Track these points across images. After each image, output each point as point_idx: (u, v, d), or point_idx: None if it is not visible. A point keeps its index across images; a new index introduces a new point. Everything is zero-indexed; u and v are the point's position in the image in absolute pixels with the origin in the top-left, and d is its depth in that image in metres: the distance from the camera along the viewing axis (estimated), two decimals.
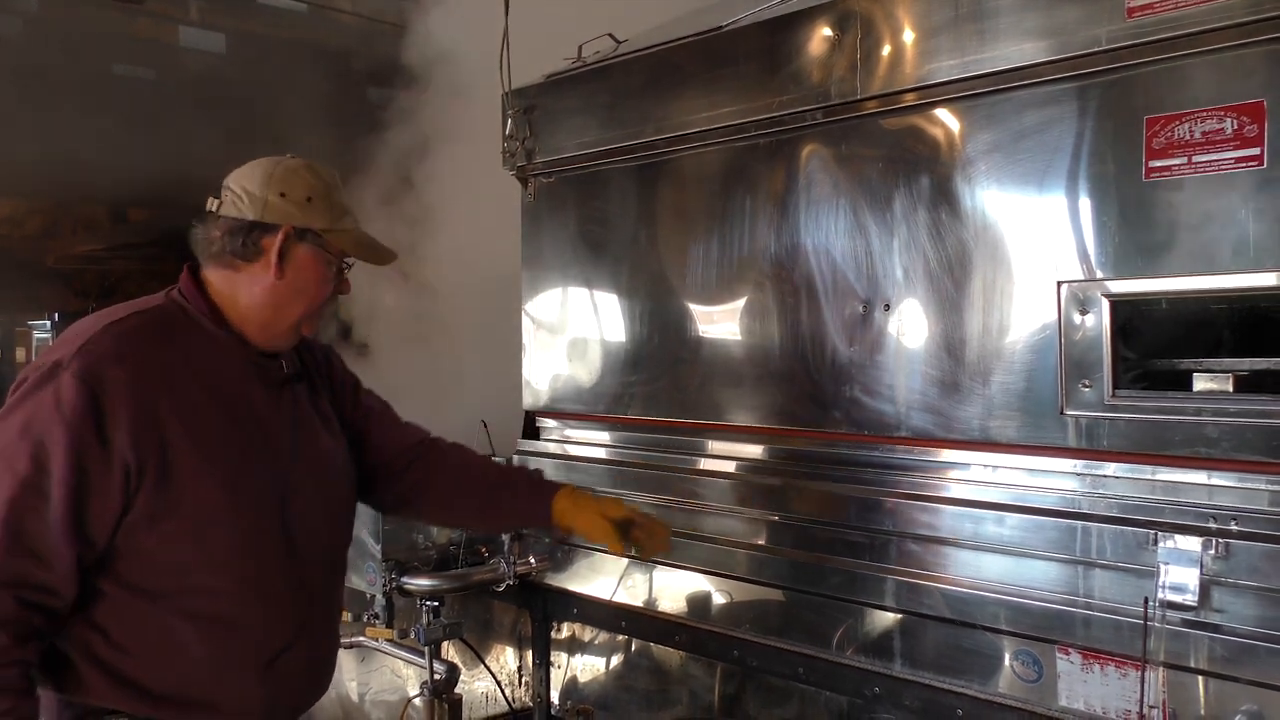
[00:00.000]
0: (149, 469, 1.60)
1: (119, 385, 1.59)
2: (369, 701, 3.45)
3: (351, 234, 1.82)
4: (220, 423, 1.70)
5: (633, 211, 2.55)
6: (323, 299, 1.82)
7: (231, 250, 1.74)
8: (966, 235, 1.91)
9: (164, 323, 1.72)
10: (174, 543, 1.64)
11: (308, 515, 1.80)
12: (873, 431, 2.06)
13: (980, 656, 1.87)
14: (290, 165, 1.78)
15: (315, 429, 1.88)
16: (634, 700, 2.52)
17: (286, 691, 1.77)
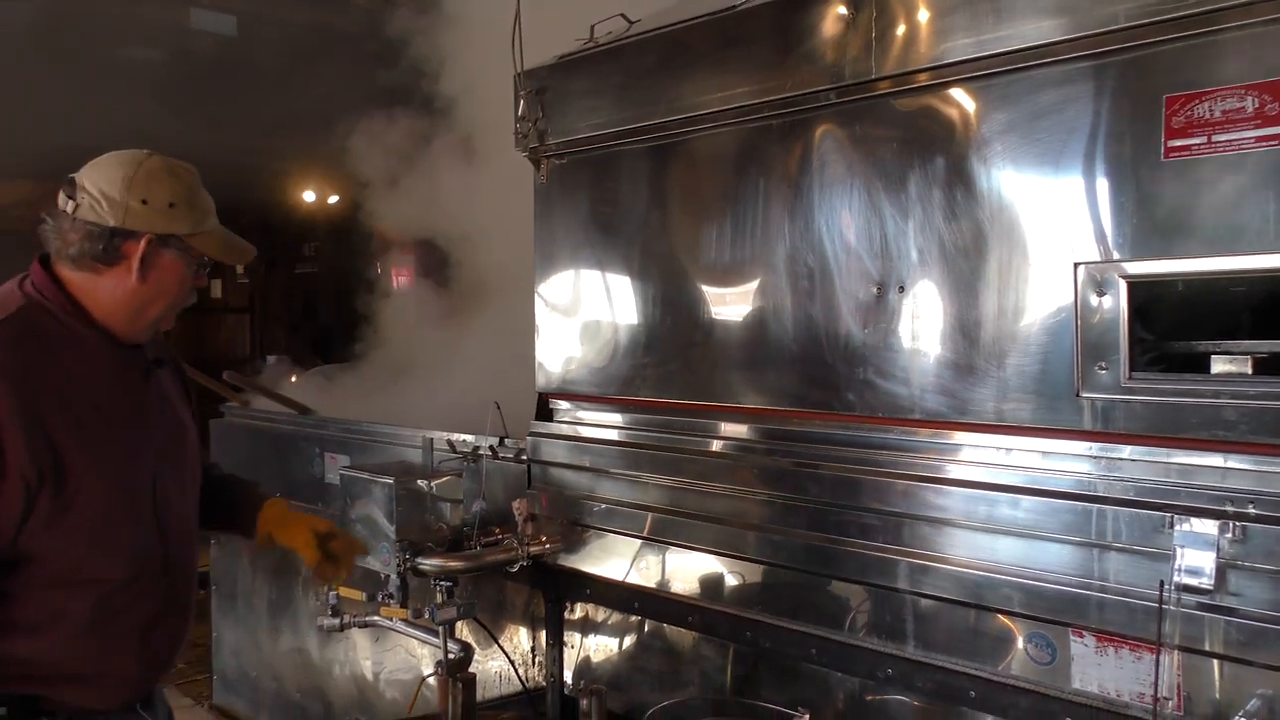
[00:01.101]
0: (46, 477, 1.65)
1: (7, 401, 1.63)
2: (383, 680, 3.48)
3: (213, 235, 1.85)
4: (100, 422, 1.75)
5: (645, 193, 2.54)
6: (184, 297, 1.87)
7: (91, 255, 1.76)
8: (982, 216, 1.89)
9: (33, 327, 1.74)
10: (68, 540, 1.70)
11: (171, 495, 1.88)
12: (886, 414, 2.05)
13: (993, 639, 1.86)
14: (150, 168, 1.78)
15: (175, 408, 1.96)
16: (647, 680, 2.53)
17: (155, 661, 1.88)
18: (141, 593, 1.81)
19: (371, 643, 3.51)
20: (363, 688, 3.58)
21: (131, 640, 1.81)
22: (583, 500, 2.65)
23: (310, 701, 3.88)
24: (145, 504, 1.82)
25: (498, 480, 2.88)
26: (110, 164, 1.78)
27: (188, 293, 1.87)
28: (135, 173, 1.76)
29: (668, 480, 2.45)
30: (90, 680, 1.78)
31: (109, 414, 1.78)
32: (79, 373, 1.76)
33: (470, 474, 2.93)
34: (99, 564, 1.75)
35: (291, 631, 3.99)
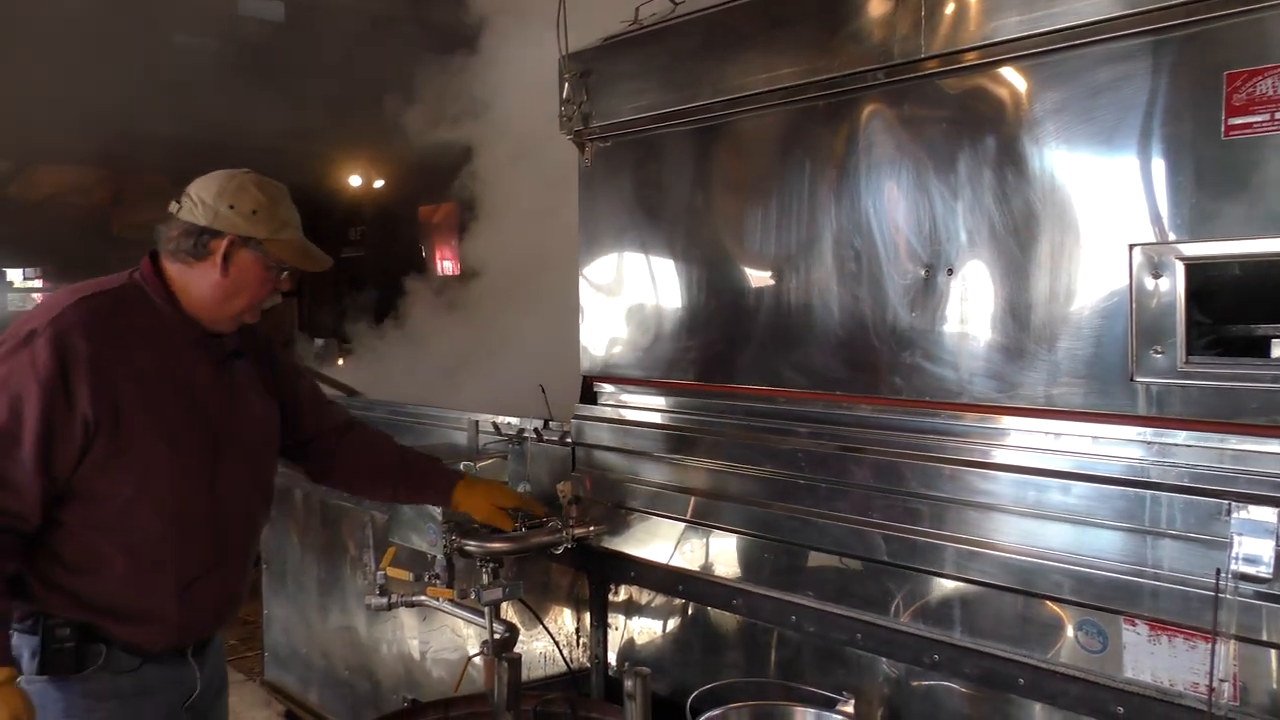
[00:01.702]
0: (103, 423, 1.92)
1: (83, 352, 1.91)
2: (430, 659, 3.53)
3: (289, 243, 2.12)
4: (165, 388, 2.03)
5: (690, 176, 2.53)
6: (263, 296, 2.14)
7: (185, 249, 2.06)
8: (1034, 197, 1.86)
9: (125, 301, 2.05)
10: (119, 484, 1.96)
11: (233, 471, 2.13)
12: (934, 398, 2.03)
13: (1042, 626, 1.84)
14: (242, 181, 2.08)
15: (249, 398, 2.21)
16: (690, 663, 2.54)
17: (198, 614, 2.10)
18: (184, 549, 2.05)
19: (418, 622, 3.55)
20: (409, 666, 3.63)
21: (172, 591, 2.04)
22: (627, 483, 2.66)
23: (358, 679, 3.94)
24: (200, 473, 2.06)
25: (542, 463, 2.89)
26: (213, 177, 2.09)
27: (268, 293, 2.15)
28: (229, 184, 2.07)
29: (711, 464, 2.45)
30: (134, 621, 2.02)
31: (174, 384, 2.04)
32: (154, 344, 2.03)
33: (515, 456, 2.96)
34: (141, 514, 1.99)
35: (340, 610, 4.05)
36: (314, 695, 4.28)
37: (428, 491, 2.51)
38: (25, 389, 1.88)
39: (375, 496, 2.61)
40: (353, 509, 3.88)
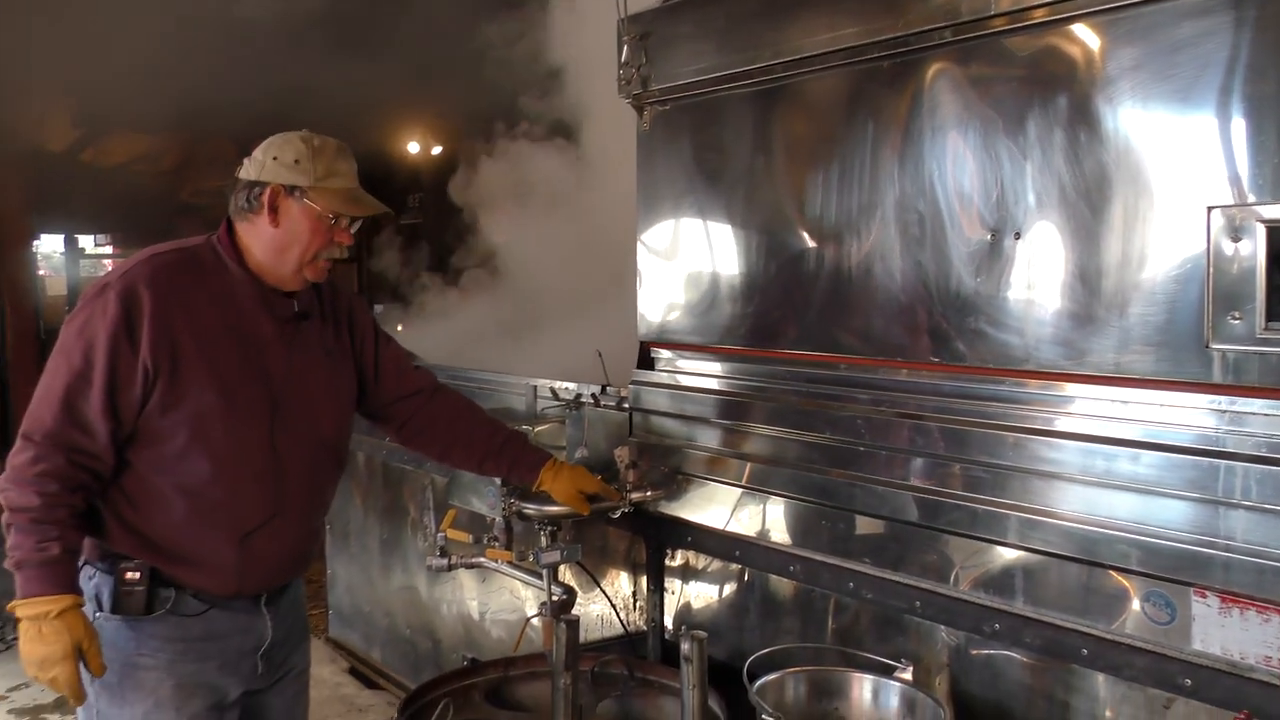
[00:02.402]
0: (163, 370, 2.03)
1: (148, 303, 2.03)
2: (489, 620, 3.59)
3: (334, 191, 2.15)
4: (225, 342, 2.11)
5: (750, 139, 2.50)
6: (318, 247, 2.16)
7: (242, 205, 2.15)
8: (1107, 158, 1.81)
9: (195, 259, 2.15)
10: (177, 430, 2.06)
11: (293, 428, 2.18)
12: (998, 364, 2.00)
13: (1107, 596, 1.81)
14: (289, 136, 2.16)
15: (316, 357, 2.26)
16: (747, 628, 2.55)
17: (258, 563, 2.17)
18: (240, 499, 2.13)
19: (478, 583, 3.61)
20: (469, 626, 3.70)
21: (230, 539, 2.12)
22: (683, 448, 2.66)
23: (420, 637, 4.02)
24: (256, 426, 2.14)
25: (599, 428, 2.91)
26: (271, 138, 2.17)
27: (323, 244, 2.17)
28: (278, 139, 2.15)
29: (769, 430, 2.44)
30: (195, 565, 2.11)
31: (235, 339, 2.12)
32: (219, 300, 2.12)
33: (573, 421, 2.97)
34: (193, 458, 2.08)
35: (402, 570, 4.13)
36: (377, 653, 4.38)
37: (516, 470, 2.54)
38: (96, 337, 2.01)
39: (461, 465, 2.62)
40: (413, 471, 3.94)
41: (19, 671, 4.92)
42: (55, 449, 1.99)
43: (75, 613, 1.97)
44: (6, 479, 2.00)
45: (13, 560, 1.97)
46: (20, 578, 1.97)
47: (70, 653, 1.96)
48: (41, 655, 1.96)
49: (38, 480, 1.97)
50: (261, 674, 2.22)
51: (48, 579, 1.96)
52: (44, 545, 1.96)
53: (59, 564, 1.98)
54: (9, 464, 2.00)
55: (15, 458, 2.00)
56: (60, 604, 1.95)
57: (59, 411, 2.00)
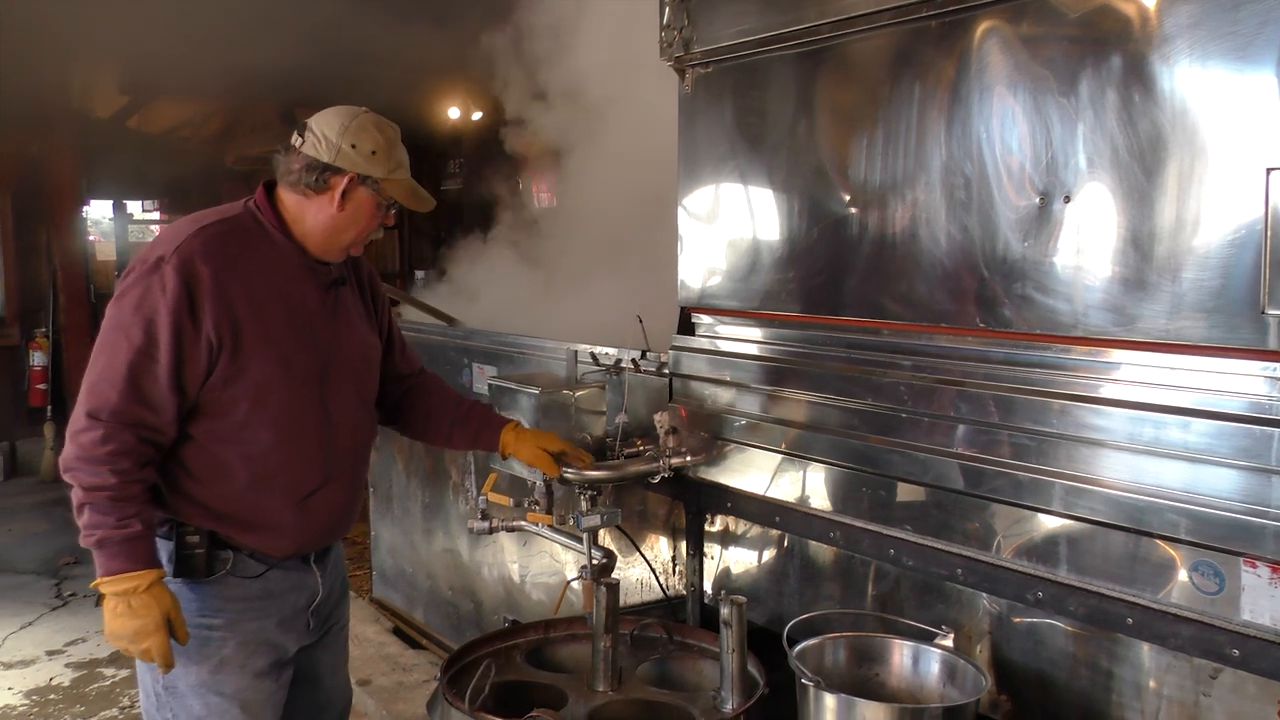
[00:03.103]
0: (225, 344, 2.06)
1: (205, 278, 2.05)
2: (529, 583, 3.63)
3: (402, 183, 2.22)
4: (278, 311, 2.15)
5: (792, 102, 2.47)
6: (371, 230, 2.25)
7: (306, 182, 2.16)
8: (1162, 119, 1.76)
9: (241, 229, 2.16)
10: (238, 402, 2.10)
11: (341, 392, 2.26)
12: (1045, 331, 1.96)
13: (1154, 565, 1.79)
14: (362, 121, 2.17)
15: (353, 323, 2.33)
16: (786, 594, 2.55)
17: (315, 524, 2.24)
18: (297, 462, 2.19)
19: (518, 547, 3.65)
20: (510, 589, 3.74)
21: (290, 502, 2.19)
22: (723, 414, 2.66)
23: (461, 599, 4.08)
24: (310, 392, 2.19)
25: (639, 393, 2.91)
26: (334, 113, 2.19)
27: (375, 227, 2.26)
28: (351, 123, 2.16)
29: (810, 396, 2.43)
30: (257, 529, 2.17)
31: (286, 307, 2.17)
32: (267, 269, 2.16)
33: (612, 386, 2.98)
34: (255, 427, 2.13)
35: (444, 533, 4.19)
36: (419, 613, 4.46)
37: (481, 437, 2.59)
38: (157, 313, 2.02)
39: (430, 440, 2.68)
40: None
41: (76, 626, 5.08)
42: (124, 427, 2.01)
43: (161, 586, 2.04)
44: (74, 458, 2.01)
45: (93, 538, 2.00)
46: (102, 555, 2.00)
47: (161, 624, 2.02)
48: (134, 629, 2.01)
49: (111, 459, 1.99)
50: (312, 629, 2.31)
51: (132, 555, 2.00)
52: (125, 522, 2.00)
53: (142, 539, 2.03)
54: (76, 443, 2.01)
55: (82, 436, 2.01)
56: (147, 578, 2.01)
57: (125, 389, 2.01)
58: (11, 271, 8.82)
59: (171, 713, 2.18)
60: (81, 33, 6.57)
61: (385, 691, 3.87)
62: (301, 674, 2.33)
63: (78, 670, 4.58)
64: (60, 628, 5.08)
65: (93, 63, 8.00)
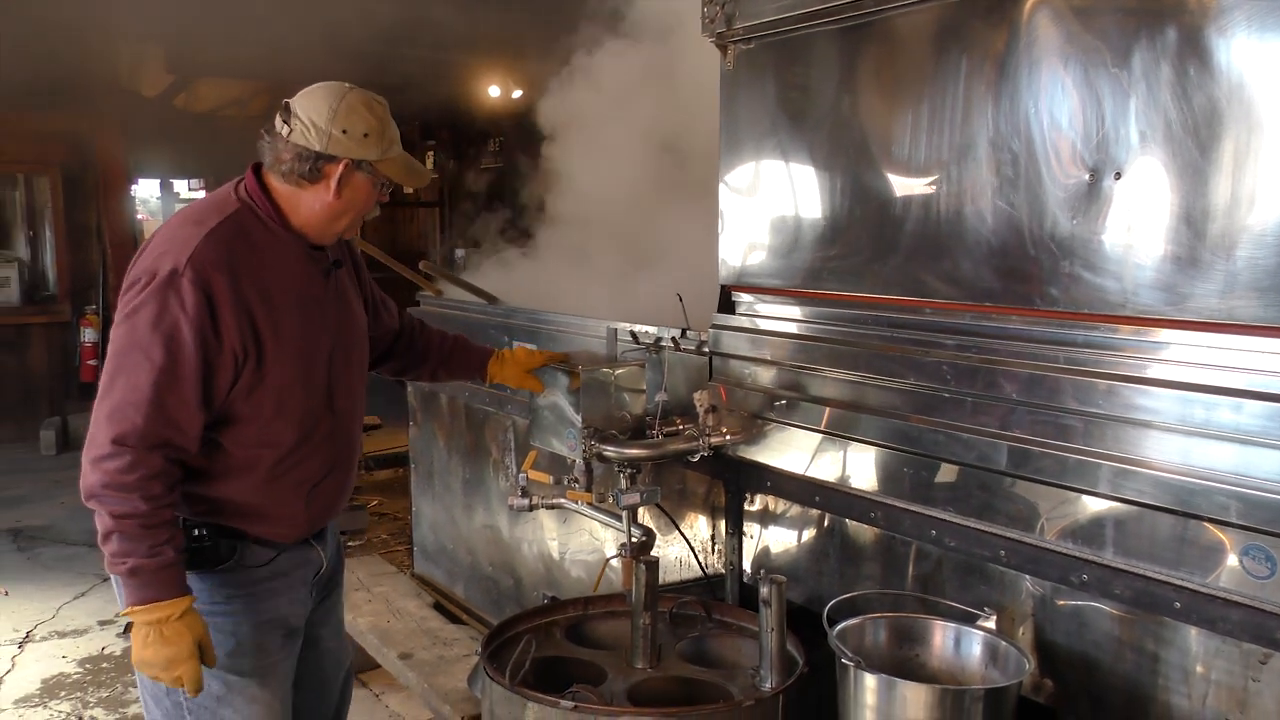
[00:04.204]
0: (250, 353, 2.05)
1: (224, 288, 2.01)
2: (568, 560, 3.65)
3: (397, 161, 2.16)
4: (290, 309, 2.13)
5: (836, 77, 2.44)
6: (366, 211, 2.21)
7: (299, 172, 2.10)
8: (1218, 93, 1.71)
9: (244, 227, 2.10)
10: (260, 406, 2.10)
11: (346, 378, 2.28)
12: (1093, 310, 1.93)
13: (1203, 549, 1.76)
14: (350, 102, 2.09)
15: (350, 303, 2.34)
16: (826, 574, 2.55)
17: (321, 508, 2.31)
18: (310, 454, 2.22)
19: (557, 524, 3.67)
20: (549, 565, 3.77)
21: (302, 491, 2.23)
22: (764, 393, 2.65)
23: (501, 575, 4.12)
24: (320, 382, 2.21)
25: (679, 371, 2.90)
26: (319, 95, 2.10)
27: (371, 207, 2.22)
28: (339, 105, 2.08)
29: (851, 375, 2.41)
30: (271, 519, 2.20)
31: (297, 304, 2.15)
32: (275, 268, 2.12)
33: (652, 365, 2.97)
34: (279, 429, 2.15)
35: (484, 509, 4.22)
36: (460, 589, 4.50)
37: (466, 369, 2.72)
38: (178, 329, 1.96)
39: (416, 379, 2.78)
40: (495, 414, 4.01)
41: None
42: (151, 450, 1.96)
43: (193, 612, 2.03)
44: (100, 485, 1.95)
45: (124, 567, 1.96)
46: (133, 584, 1.97)
47: (194, 652, 2.01)
48: (166, 657, 1.99)
49: (140, 485, 1.94)
50: (316, 598, 2.41)
51: (165, 583, 1.98)
52: (157, 550, 1.96)
53: (174, 567, 2.00)
54: (101, 470, 1.95)
55: (108, 464, 1.94)
56: (180, 606, 1.99)
57: (150, 412, 1.95)
58: (63, 250, 9.00)
59: (184, 694, 2.13)
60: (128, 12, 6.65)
61: (426, 665, 3.91)
62: (305, 639, 2.39)
63: (128, 640, 4.69)
64: (111, 598, 5.20)
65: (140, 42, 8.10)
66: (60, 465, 8.11)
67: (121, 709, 4.01)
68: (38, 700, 4.10)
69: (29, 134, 8.38)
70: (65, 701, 4.08)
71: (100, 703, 4.06)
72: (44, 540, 6.13)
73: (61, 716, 3.97)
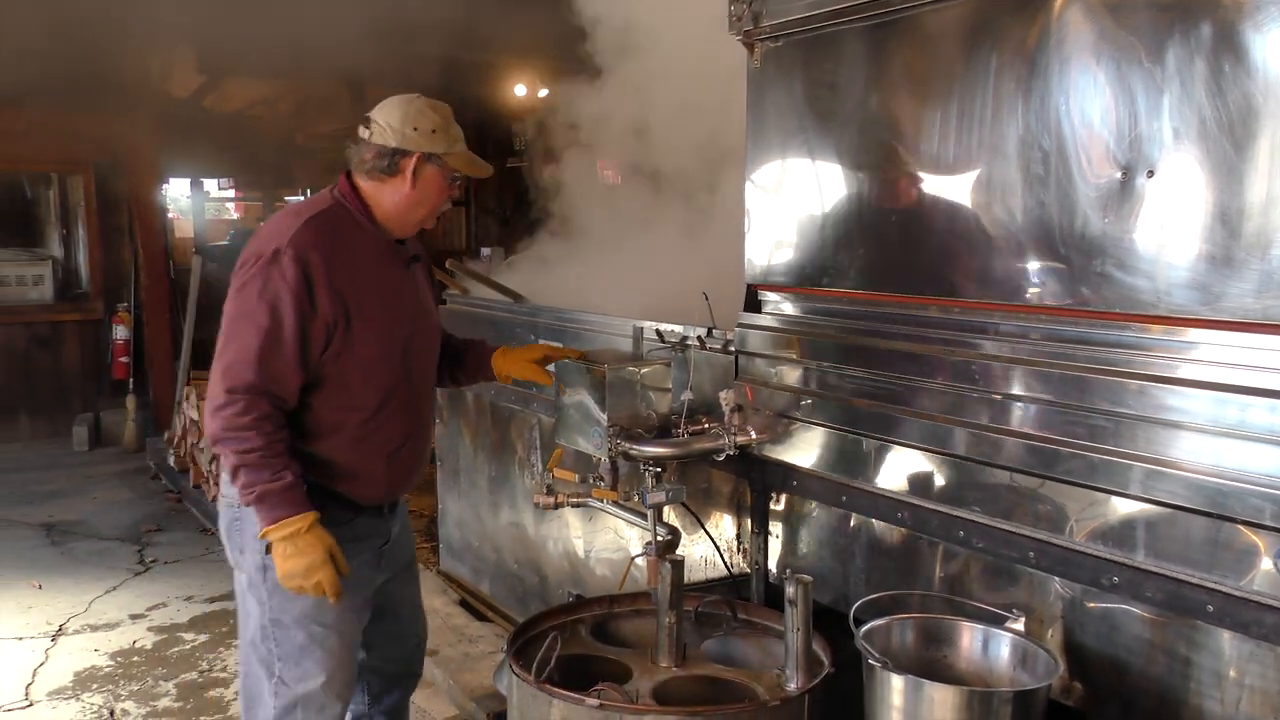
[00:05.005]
0: (339, 323, 2.34)
1: (319, 266, 2.31)
2: (593, 558, 3.66)
3: (462, 155, 2.49)
4: (375, 291, 2.42)
5: (864, 76, 2.43)
6: (441, 204, 2.52)
7: (379, 168, 2.43)
8: (1254, 90, 1.69)
9: (337, 219, 2.42)
10: (347, 373, 2.39)
11: (420, 358, 2.58)
12: (1125, 309, 1.91)
13: (1237, 552, 1.74)
14: (419, 105, 2.44)
15: (425, 295, 2.63)
16: (852, 573, 2.54)
17: (400, 474, 2.56)
18: (390, 420, 2.48)
19: (583, 522, 3.68)
20: (574, 563, 3.78)
21: (383, 454, 2.49)
22: (790, 392, 2.64)
23: (526, 572, 4.13)
24: (398, 357, 2.48)
25: (705, 370, 2.90)
26: (392, 102, 2.45)
27: (444, 200, 2.52)
28: (410, 109, 2.43)
29: (878, 374, 2.39)
30: (357, 478, 2.46)
31: (380, 285, 2.44)
32: (363, 253, 2.43)
33: (678, 364, 2.97)
34: (364, 393, 2.42)
35: (509, 507, 4.23)
36: (485, 586, 4.52)
37: (481, 370, 2.87)
38: (280, 299, 2.28)
39: (439, 384, 2.89)
40: (521, 411, 4.02)
41: (158, 592, 5.26)
42: (260, 397, 2.27)
43: (320, 526, 2.30)
44: (222, 429, 2.26)
45: (253, 495, 2.26)
46: (264, 508, 2.26)
47: (328, 558, 2.30)
48: (305, 565, 2.28)
49: (256, 424, 2.25)
50: (384, 567, 2.61)
51: (291, 502, 2.27)
52: (279, 475, 2.26)
53: (296, 488, 2.28)
54: (219, 417, 2.26)
55: (225, 411, 2.26)
56: (308, 520, 2.28)
57: (257, 367, 2.26)
58: (95, 248, 9.11)
59: (275, 642, 2.44)
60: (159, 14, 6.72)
61: (452, 662, 3.93)
62: (383, 610, 2.64)
63: (159, 634, 4.74)
64: (142, 593, 5.27)
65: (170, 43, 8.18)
66: (93, 461, 8.21)
67: (152, 702, 4.05)
68: (70, 693, 4.15)
69: (63, 134, 8.48)
70: (97, 694, 4.13)
71: (131, 696, 4.11)
72: (77, 535, 6.20)
73: (93, 709, 4.02)
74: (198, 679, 4.27)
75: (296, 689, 2.45)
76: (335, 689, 2.49)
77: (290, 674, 2.44)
